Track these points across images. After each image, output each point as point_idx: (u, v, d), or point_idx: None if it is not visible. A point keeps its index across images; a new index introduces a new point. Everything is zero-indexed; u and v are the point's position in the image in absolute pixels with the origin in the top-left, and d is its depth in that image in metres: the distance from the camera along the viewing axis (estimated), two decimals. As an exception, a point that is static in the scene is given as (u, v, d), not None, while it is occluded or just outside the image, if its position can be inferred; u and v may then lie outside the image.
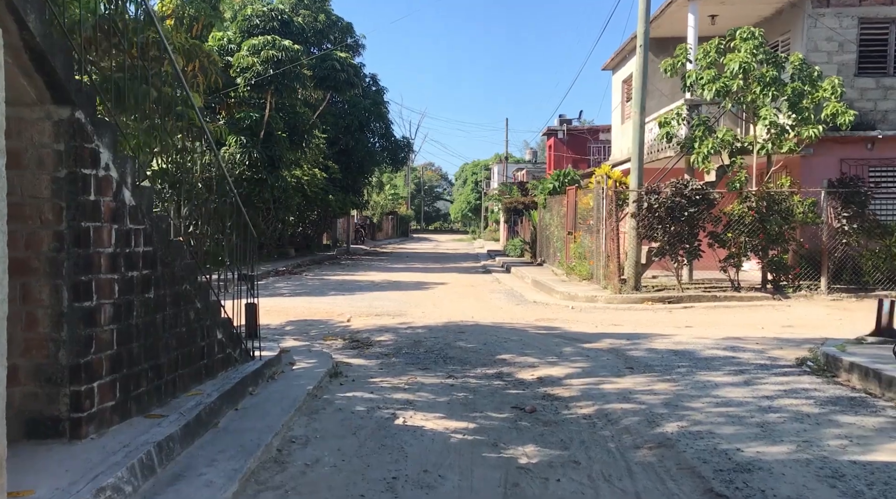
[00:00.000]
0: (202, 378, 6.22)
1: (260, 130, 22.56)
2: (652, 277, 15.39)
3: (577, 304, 13.24)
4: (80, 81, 4.66)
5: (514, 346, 9.51)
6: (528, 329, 10.95)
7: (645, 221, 13.28)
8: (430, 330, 10.83)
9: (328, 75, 24.61)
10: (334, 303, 14.14)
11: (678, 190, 13.08)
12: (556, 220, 20.67)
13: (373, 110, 31.25)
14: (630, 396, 6.82)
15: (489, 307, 13.58)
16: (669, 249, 13.39)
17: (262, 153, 22.49)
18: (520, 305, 13.81)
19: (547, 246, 22.59)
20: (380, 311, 13.07)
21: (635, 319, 11.84)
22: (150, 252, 5.39)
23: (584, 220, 17.20)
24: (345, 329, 11.16)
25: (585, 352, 9.02)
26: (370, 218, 54.66)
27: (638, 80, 13.41)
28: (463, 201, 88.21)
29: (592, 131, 34.65)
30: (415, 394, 6.94)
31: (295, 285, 18.11)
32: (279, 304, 14.05)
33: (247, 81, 21.68)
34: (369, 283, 18.80)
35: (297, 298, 15.01)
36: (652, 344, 9.47)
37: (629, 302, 13.04)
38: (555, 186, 22.29)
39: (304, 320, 12.14)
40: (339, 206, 29.23)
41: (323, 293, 16.07)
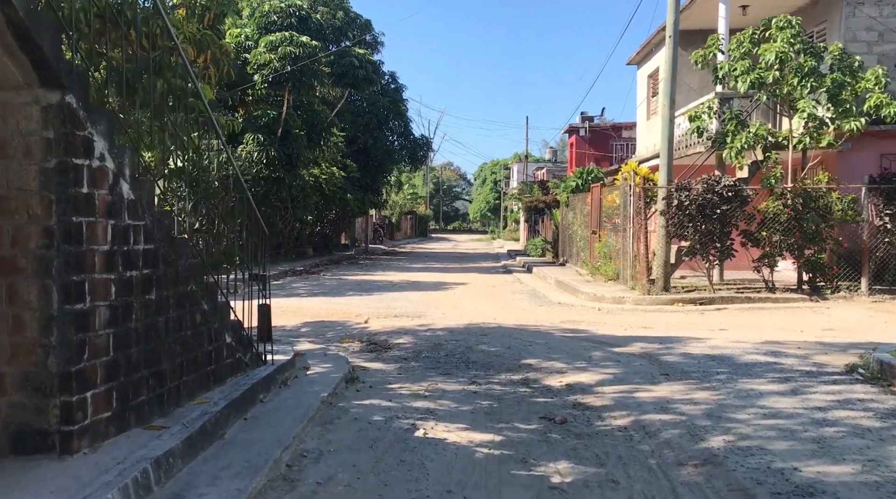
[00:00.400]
0: (209, 385, 5.82)
1: (277, 127, 22.26)
2: (680, 277, 14.83)
3: (603, 305, 12.73)
4: (72, 62, 4.27)
5: (540, 350, 9.03)
6: (554, 332, 10.46)
7: (675, 218, 12.72)
8: (450, 332, 10.39)
9: (346, 72, 24.24)
10: (352, 303, 13.74)
11: (710, 186, 12.51)
12: (579, 218, 20.14)
13: (391, 108, 30.86)
14: (668, 405, 6.32)
15: (511, 308, 13.11)
16: (700, 249, 12.82)
17: (280, 151, 22.17)
18: (543, 306, 13.32)
19: (569, 245, 22.05)
20: (398, 312, 12.65)
21: (666, 321, 11.30)
22: (152, 250, 5.00)
23: (609, 218, 16.66)
24: (362, 331, 10.75)
25: (616, 357, 8.52)
26: (388, 218, 54.34)
27: (667, 73, 12.86)
28: (482, 201, 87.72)
29: (615, 129, 33.99)
30: (436, 402, 6.49)
31: (312, 285, 17.76)
32: (296, 304, 13.68)
33: (264, 78, 21.37)
34: (387, 283, 18.39)
35: (314, 299, 14.64)
36: (686, 348, 8.95)
37: (658, 303, 12.50)
38: (577, 184, 21.75)
39: (321, 321, 11.75)
40: (357, 205, 28.88)
41: (340, 293, 15.68)
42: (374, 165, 30.91)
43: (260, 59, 21.26)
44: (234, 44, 23.19)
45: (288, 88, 21.79)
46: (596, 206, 17.54)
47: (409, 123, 32.32)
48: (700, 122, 12.97)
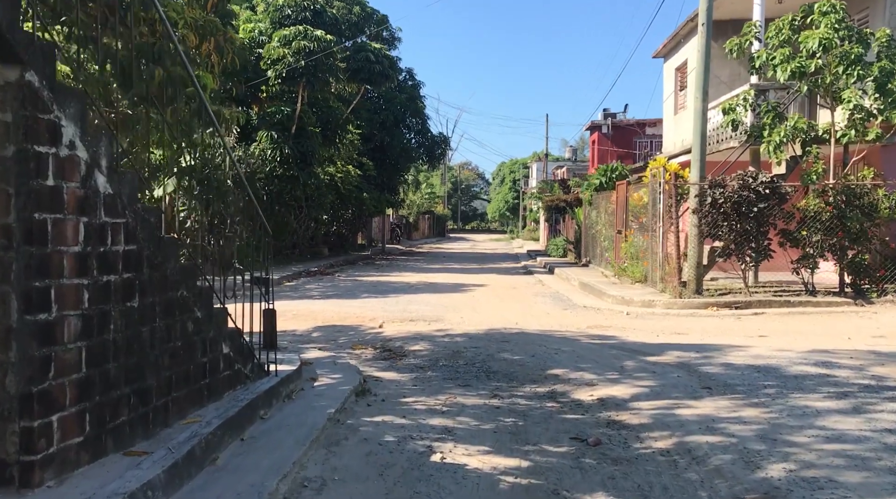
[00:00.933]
0: (203, 401, 5.24)
1: (291, 124, 21.76)
2: (710, 279, 14.04)
3: (632, 309, 12.02)
4: (32, 34, 3.69)
5: (567, 358, 8.37)
6: (581, 338, 9.79)
7: (708, 217, 11.98)
8: (469, 339, 9.76)
9: (362, 67, 23.68)
10: (366, 306, 13.16)
11: (745, 183, 11.76)
12: (603, 217, 19.41)
13: (409, 105, 30.28)
14: (714, 425, 5.64)
15: (534, 312, 12.45)
16: (735, 249, 12.07)
17: (294, 149, 21.67)
18: (568, 310, 12.65)
19: (593, 246, 21.32)
20: (414, 316, 12.04)
21: (700, 327, 10.58)
22: (135, 252, 4.42)
23: (636, 217, 15.94)
24: (376, 336, 10.16)
25: (650, 367, 7.84)
26: (406, 217, 53.81)
27: (700, 63, 12.12)
28: (500, 200, 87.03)
29: (639, 125, 33.15)
30: (454, 419, 5.87)
31: (326, 287, 17.21)
32: (308, 307, 13.13)
33: (278, 74, 20.87)
34: (404, 284, 17.80)
35: (327, 301, 14.08)
36: (727, 358, 8.24)
37: (691, 307, 11.78)
38: (601, 182, 21.01)
39: (333, 326, 11.18)
40: (373, 204, 28.33)
41: (354, 296, 15.11)
42: (390, 163, 30.36)
43: (273, 54, 20.76)
44: (248, 38, 22.74)
45: (302, 84, 21.27)
46: (622, 204, 16.81)
47: (426, 121, 31.75)
48: (735, 115, 12.21)
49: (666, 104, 20.17)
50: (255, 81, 21.22)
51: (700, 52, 12.17)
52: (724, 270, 14.53)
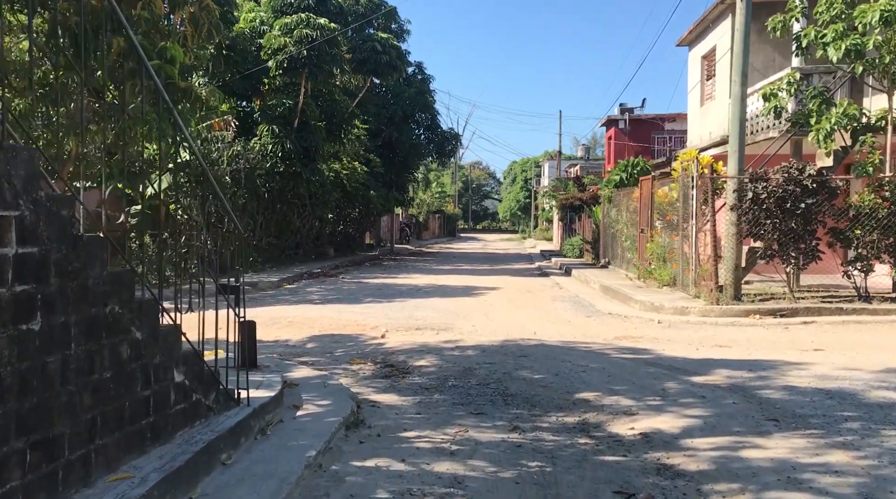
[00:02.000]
0: (145, 446, 4.09)
1: (294, 118, 20.65)
2: (744, 282, 12.79)
3: (663, 317, 10.79)
4: None
5: (597, 378, 7.17)
6: (610, 352, 8.58)
7: (748, 215, 10.74)
8: (483, 352, 8.57)
9: (368, 58, 22.53)
10: (368, 313, 12.00)
11: (791, 176, 10.50)
12: (624, 215, 18.16)
13: (418, 100, 29.12)
14: (797, 475, 4.43)
15: (554, 320, 11.25)
16: (779, 250, 10.80)
17: (297, 144, 20.56)
18: (591, 317, 11.43)
19: (612, 245, 20.07)
20: (421, 323, 10.87)
21: (745, 338, 9.34)
22: (34, 255, 3.27)
23: (662, 215, 14.70)
24: (377, 348, 9.01)
25: (698, 390, 6.63)
26: (416, 216, 52.68)
27: (739, 43, 10.87)
28: (512, 200, 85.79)
29: (657, 120, 31.84)
30: (465, 463, 4.70)
31: (328, 290, 16.07)
32: (305, 313, 12.00)
33: (278, 64, 19.76)
34: (411, 287, 16.63)
35: (328, 307, 12.93)
36: (787, 378, 7.01)
37: (730, 315, 10.53)
38: (622, 178, 19.79)
39: (331, 335, 10.05)
40: (381, 203, 27.19)
41: (357, 300, 13.95)
42: (399, 160, 29.20)
43: (274, 44, 19.65)
44: (249, 28, 21.70)
45: (304, 75, 20.15)
46: (646, 201, 15.58)
47: (436, 116, 30.56)
48: (777, 101, 10.95)
49: (691, 95, 18.90)
50: (251, 69, 20.07)
51: (739, 30, 10.92)
52: (758, 272, 13.31)
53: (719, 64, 16.64)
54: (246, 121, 21.90)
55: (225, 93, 21.29)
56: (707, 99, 17.84)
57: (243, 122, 21.93)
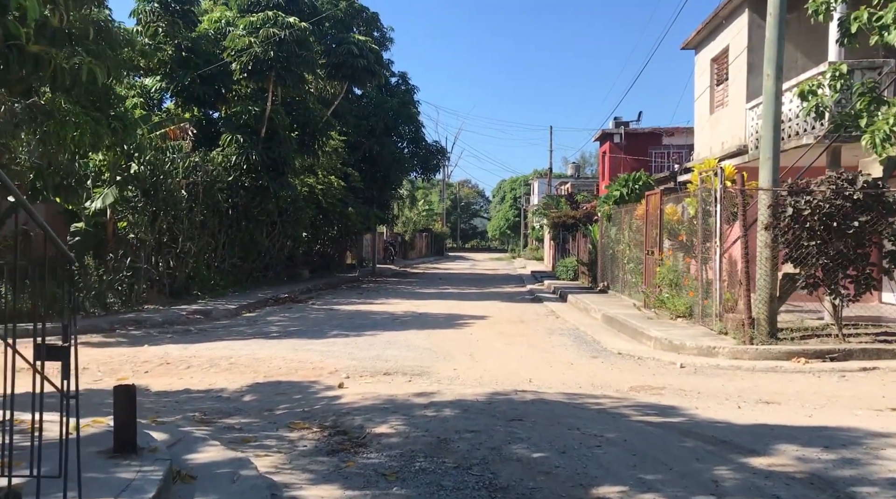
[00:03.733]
0: None
1: (261, 126, 18.71)
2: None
3: (686, 359, 8.85)
4: None
5: (618, 458, 5.21)
6: (629, 412, 6.62)
7: (787, 235, 8.87)
8: (464, 412, 6.61)
9: (344, 62, 20.66)
10: (330, 352, 10.00)
11: (840, 188, 8.66)
12: (626, 235, 16.30)
13: (401, 111, 27.28)
14: None
15: (552, 361, 9.28)
16: (826, 277, 8.91)
17: (264, 155, 18.60)
18: (598, 358, 9.46)
19: (612, 268, 18.19)
20: (391, 366, 8.90)
21: (795, 390, 7.41)
22: None
23: (673, 234, 12.84)
24: (330, 404, 7.05)
25: (763, 482, 4.67)
26: (401, 235, 50.72)
27: (773, 30, 9.07)
28: (501, 218, 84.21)
29: (654, 135, 30.15)
30: None
31: (291, 319, 14.05)
32: (255, 352, 9.99)
33: (243, 66, 17.84)
34: (387, 316, 14.63)
35: (284, 343, 10.92)
36: (885, 462, 5.07)
37: (768, 358, 8.61)
38: (622, 194, 17.96)
39: (277, 383, 8.08)
40: (360, 220, 25.22)
41: (321, 333, 11.95)
42: (380, 174, 27.29)
43: (238, 44, 17.75)
44: (213, 29, 19.81)
45: (272, 79, 18.24)
46: (653, 219, 13.72)
47: (420, 128, 28.72)
48: (819, 99, 9.13)
49: (698, 103, 17.16)
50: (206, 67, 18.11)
51: (773, 14, 9.11)
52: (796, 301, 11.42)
53: (733, 66, 14.89)
54: (209, 130, 19.97)
55: (185, 99, 19.40)
56: (718, 106, 16.08)
57: (205, 131, 20.00)
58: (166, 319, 13.48)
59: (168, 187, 16.24)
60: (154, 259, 16.67)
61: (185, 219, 16.83)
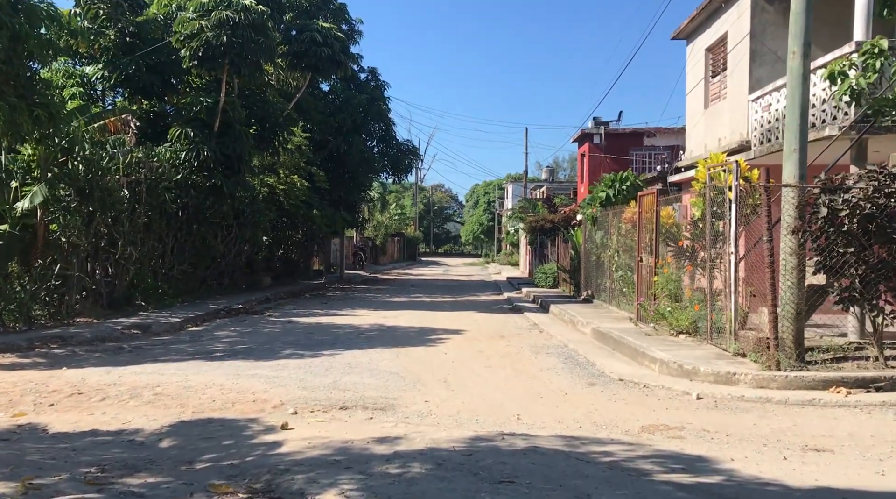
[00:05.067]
0: None
1: (214, 119, 17.01)
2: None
3: (702, 388, 7.42)
4: None
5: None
6: (649, 468, 5.14)
7: (821, 239, 7.52)
8: (438, 467, 5.11)
9: (306, 51, 19.03)
10: (278, 378, 8.40)
11: (882, 185, 7.34)
12: (614, 240, 14.93)
13: (370, 108, 25.70)
14: None
15: (543, 391, 7.79)
16: (865, 291, 7.56)
17: (217, 151, 16.91)
18: (596, 385, 7.99)
19: (598, 276, 16.82)
20: (350, 397, 7.35)
21: (846, 433, 6.01)
22: None
23: (671, 239, 11.47)
24: (267, 454, 5.50)
25: None
26: (372, 239, 49.02)
27: (800, 1, 7.75)
28: (475, 223, 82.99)
29: (635, 135, 28.95)
30: None
31: (241, 335, 12.40)
32: (189, 378, 8.37)
33: (193, 52, 16.15)
34: (351, 330, 13.05)
35: (227, 365, 9.30)
36: None
37: (801, 387, 7.23)
38: (608, 195, 16.60)
39: (208, 421, 6.52)
40: (325, 223, 23.56)
41: (272, 353, 10.33)
42: (348, 175, 25.67)
43: (187, 28, 16.05)
44: (163, 13, 18.08)
45: (226, 67, 16.57)
46: (646, 223, 12.36)
47: (391, 126, 27.13)
48: (857, 79, 7.80)
49: (691, 97, 15.89)
50: (153, 54, 16.39)
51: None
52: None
53: (732, 55, 13.60)
54: (157, 124, 18.22)
55: (130, 89, 17.65)
56: (714, 99, 14.81)
57: (154, 125, 18.25)
58: (97, 335, 11.77)
59: (106, 186, 14.51)
60: (90, 266, 14.91)
61: (126, 221, 15.09)
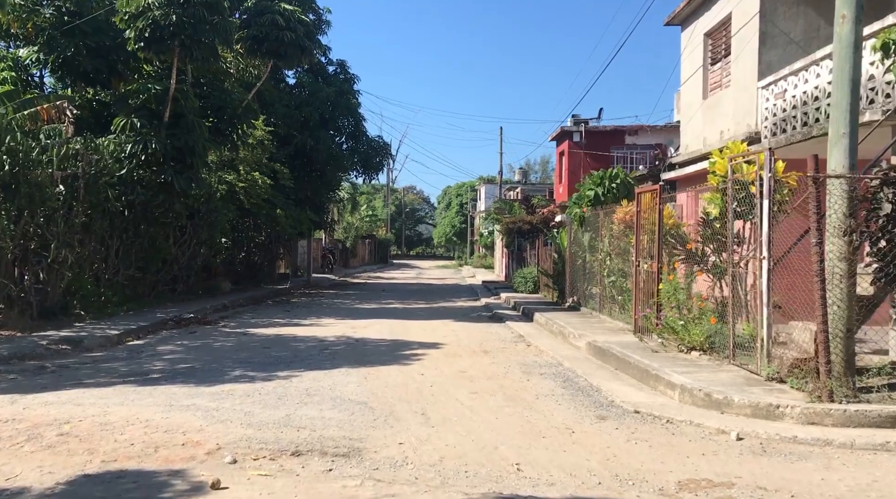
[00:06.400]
0: None
1: (164, 109, 15.34)
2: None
3: (739, 424, 6.06)
4: None
5: None
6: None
7: (882, 241, 6.23)
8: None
9: (267, 34, 17.40)
10: (219, 410, 6.85)
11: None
12: (606, 243, 13.61)
13: (339, 101, 24.12)
14: None
15: (544, 428, 6.34)
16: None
17: (168, 144, 15.25)
18: (608, 419, 6.57)
19: (584, 281, 15.50)
20: (305, 438, 5.85)
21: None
22: None
23: (679, 242, 10.16)
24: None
25: None
26: (342, 242, 47.31)
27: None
28: (447, 225, 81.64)
29: (617, 133, 27.77)
30: None
31: (188, 350, 10.78)
32: (108, 411, 6.80)
33: (139, 34, 14.48)
34: (314, 344, 11.51)
35: (159, 392, 7.72)
36: None
37: (865, 424, 5.91)
38: (597, 194, 15.28)
39: (119, 474, 5.02)
40: (290, 224, 21.92)
41: (218, 374, 8.75)
42: (315, 173, 24.07)
43: (132, 6, 14.36)
44: (107, -7, 16.34)
45: (177, 50, 14.91)
46: (646, 223, 11.04)
47: (361, 121, 25.56)
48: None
49: (686, 87, 14.66)
50: (95, 36, 14.69)
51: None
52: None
53: (736, 39, 12.37)
54: (102, 114, 16.49)
55: (70, 74, 15.91)
56: (714, 88, 13.57)
57: (98, 114, 16.53)
58: (16, 352, 10.09)
59: (36, 180, 12.80)
60: (17, 271, 13.16)
61: (60, 220, 13.36)
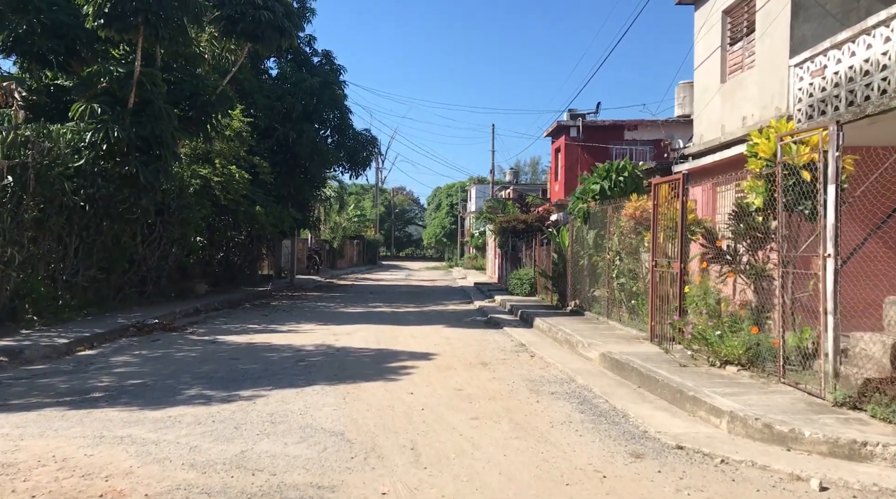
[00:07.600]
0: None
1: (128, 94, 13.94)
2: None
3: (816, 466, 4.78)
4: None
5: None
6: None
7: None
8: None
9: (242, 14, 16.00)
10: (159, 443, 5.51)
11: None
12: (616, 241, 12.34)
13: (324, 92, 22.75)
14: None
15: (566, 471, 5.04)
16: None
17: (132, 133, 13.86)
18: (645, 458, 5.28)
19: (589, 283, 14.23)
20: (260, 487, 4.53)
21: None
22: None
23: (707, 239, 8.89)
24: None
25: None
26: (329, 242, 45.86)
27: None
28: (437, 226, 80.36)
29: (616, 128, 26.58)
30: None
31: (144, 362, 9.41)
32: (19, 445, 5.46)
33: (98, 9, 13.08)
34: (289, 355, 10.15)
35: (92, 417, 6.37)
36: None
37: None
38: (603, 189, 14.02)
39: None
40: (272, 222, 20.53)
41: (169, 393, 7.39)
42: (298, 168, 22.70)
43: (91, -22, 12.99)
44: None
45: (141, 28, 13.51)
46: (664, 219, 9.78)
47: (347, 114, 24.19)
48: None
49: (700, 71, 13.42)
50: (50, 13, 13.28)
51: None
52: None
53: (762, 14, 11.14)
54: (61, 99, 15.09)
55: (24, 56, 14.50)
56: (735, 70, 12.33)
57: (56, 99, 15.13)
58: (-60, 366, 8.71)
59: (-22, 170, 11.42)
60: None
61: (6, 215, 11.99)
